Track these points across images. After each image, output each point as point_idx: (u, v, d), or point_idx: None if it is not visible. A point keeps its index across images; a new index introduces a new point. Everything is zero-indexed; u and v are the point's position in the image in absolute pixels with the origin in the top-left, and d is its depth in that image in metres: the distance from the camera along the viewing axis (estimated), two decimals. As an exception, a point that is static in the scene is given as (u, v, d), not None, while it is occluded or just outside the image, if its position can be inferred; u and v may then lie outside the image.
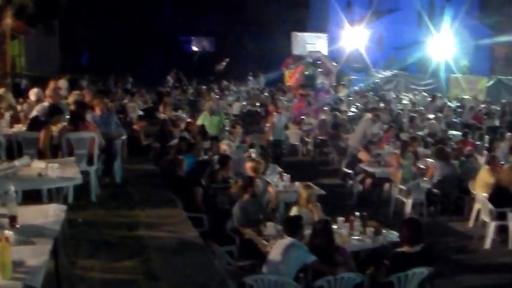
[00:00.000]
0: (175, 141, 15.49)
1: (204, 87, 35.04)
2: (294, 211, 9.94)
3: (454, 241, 12.87)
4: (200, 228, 10.00)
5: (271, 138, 18.49)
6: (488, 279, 10.73)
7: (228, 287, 7.34)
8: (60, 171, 8.34)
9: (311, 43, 47.20)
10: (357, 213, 9.97)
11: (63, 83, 22.63)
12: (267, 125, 19.71)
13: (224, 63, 50.66)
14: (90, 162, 10.70)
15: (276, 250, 8.04)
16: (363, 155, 15.92)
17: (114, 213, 10.11)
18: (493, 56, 56.58)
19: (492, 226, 12.26)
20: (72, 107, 12.36)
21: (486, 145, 18.97)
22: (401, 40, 50.40)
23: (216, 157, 13.93)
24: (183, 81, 39.55)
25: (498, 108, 30.69)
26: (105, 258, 7.90)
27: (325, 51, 46.75)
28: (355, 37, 46.90)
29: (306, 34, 47.71)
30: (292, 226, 8.32)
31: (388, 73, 46.62)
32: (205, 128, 16.92)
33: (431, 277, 8.22)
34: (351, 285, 7.67)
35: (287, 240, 8.07)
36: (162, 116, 21.26)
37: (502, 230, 12.38)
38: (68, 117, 11.45)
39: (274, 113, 18.91)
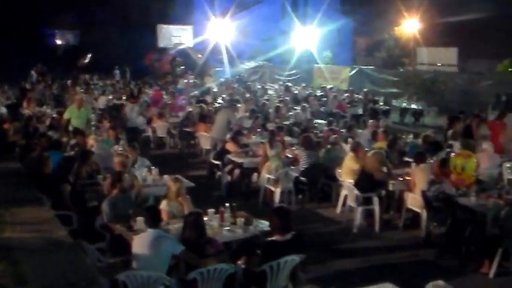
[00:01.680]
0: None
1: (69, 81, 34.32)
2: (163, 205, 9.89)
3: (323, 227, 13.26)
4: (69, 226, 9.77)
5: (127, 126, 18.92)
6: (358, 262, 11.09)
7: (100, 285, 7.21)
8: None
9: (176, 35, 47.36)
10: (227, 204, 10.05)
11: None
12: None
13: (88, 59, 49.90)
14: (-51, 162, 10.29)
15: (141, 243, 7.97)
16: (230, 146, 16.06)
17: (-23, 214, 9.74)
18: (354, 46, 58.52)
19: (359, 211, 12.72)
20: None
21: (350, 133, 19.55)
22: (266, 31, 51.06)
23: (80, 153, 13.67)
24: (47, 76, 38.56)
25: (361, 97, 31.66)
26: (-31, 263, 7.60)
27: (190, 43, 46.93)
28: (220, 29, 47.10)
29: (171, 26, 47.78)
30: (152, 217, 8.28)
31: (253, 64, 47.20)
32: (70, 122, 16.68)
33: (303, 264, 8.41)
34: (224, 276, 7.72)
35: (153, 232, 8.04)
36: (26, 112, 20.66)
37: (368, 215, 12.90)
38: None
39: (128, 103, 19.28)
